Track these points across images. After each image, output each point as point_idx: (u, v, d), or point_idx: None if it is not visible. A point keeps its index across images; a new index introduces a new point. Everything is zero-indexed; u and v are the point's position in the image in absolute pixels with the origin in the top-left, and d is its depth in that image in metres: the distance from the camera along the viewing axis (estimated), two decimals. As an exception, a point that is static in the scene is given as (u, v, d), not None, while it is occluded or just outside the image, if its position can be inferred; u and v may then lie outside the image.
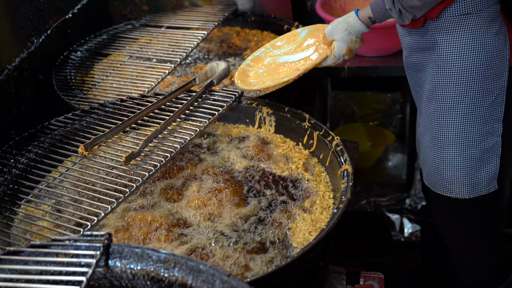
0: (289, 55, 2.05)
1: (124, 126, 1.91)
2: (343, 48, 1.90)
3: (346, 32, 1.90)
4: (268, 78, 1.99)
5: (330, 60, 1.92)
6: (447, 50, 1.91)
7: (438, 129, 2.02)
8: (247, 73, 2.05)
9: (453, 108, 1.97)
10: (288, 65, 2.01)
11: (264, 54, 2.11)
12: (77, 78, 2.45)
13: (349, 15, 1.92)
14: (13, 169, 1.78)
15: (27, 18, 2.31)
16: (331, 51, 1.91)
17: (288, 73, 1.97)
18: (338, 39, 1.90)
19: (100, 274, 1.19)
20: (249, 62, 2.09)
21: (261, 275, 1.40)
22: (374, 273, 1.84)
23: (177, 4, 3.09)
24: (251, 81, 2.00)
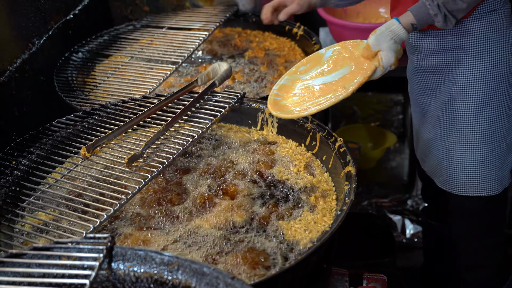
0: (323, 76, 1.93)
1: (126, 127, 1.90)
2: (392, 57, 1.82)
3: (392, 41, 1.83)
4: (311, 103, 1.85)
5: (379, 71, 1.83)
6: (479, 47, 1.96)
7: (466, 130, 2.05)
8: (280, 102, 1.91)
9: (483, 105, 2.01)
10: (328, 86, 1.89)
11: (291, 82, 1.97)
12: (79, 79, 2.44)
13: (391, 23, 1.86)
14: (15, 171, 1.78)
15: (28, 19, 2.31)
16: (378, 61, 1.82)
17: (334, 93, 1.85)
18: (385, 49, 1.82)
19: (103, 277, 1.18)
20: (277, 91, 1.95)
21: (265, 277, 1.39)
22: (377, 275, 1.84)
23: (178, 5, 3.09)
24: (292, 109, 1.87)
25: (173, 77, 2.55)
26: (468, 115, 2.04)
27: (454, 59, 2.01)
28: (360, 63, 1.87)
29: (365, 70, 1.83)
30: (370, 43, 1.83)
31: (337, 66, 1.93)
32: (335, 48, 1.98)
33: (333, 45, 1.99)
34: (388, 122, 3.72)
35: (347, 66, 1.89)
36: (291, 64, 2.64)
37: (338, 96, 1.80)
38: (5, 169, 1.78)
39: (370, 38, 1.83)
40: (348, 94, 1.79)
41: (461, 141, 2.07)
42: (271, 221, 1.64)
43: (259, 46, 2.82)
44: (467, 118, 2.04)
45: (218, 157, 1.93)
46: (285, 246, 1.55)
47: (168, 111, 1.99)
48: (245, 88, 2.43)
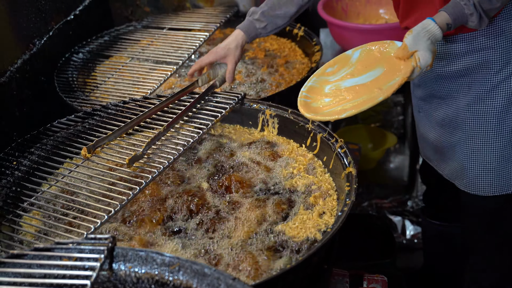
0: (354, 78, 1.86)
1: (127, 128, 1.90)
2: (429, 57, 1.76)
3: (429, 41, 1.78)
4: (347, 104, 1.78)
5: (417, 72, 1.76)
6: (510, 45, 1.96)
7: (492, 131, 2.05)
8: (311, 104, 1.83)
9: (510, 104, 2.01)
10: (361, 88, 1.82)
11: (319, 84, 1.89)
12: (79, 80, 2.44)
13: (427, 23, 1.80)
14: (15, 171, 1.78)
15: (29, 20, 2.31)
16: (416, 62, 1.76)
17: (370, 94, 1.77)
18: (422, 49, 1.77)
19: (104, 278, 1.18)
20: (306, 93, 1.86)
21: (265, 278, 1.40)
22: (377, 276, 1.84)
23: (178, 6, 3.09)
24: (325, 111, 1.79)
25: (173, 78, 2.56)
26: (495, 115, 2.03)
27: (485, 60, 1.99)
28: (393, 64, 1.81)
29: (403, 71, 1.76)
30: (408, 43, 1.77)
31: (367, 67, 1.86)
32: (363, 49, 1.92)
33: (361, 46, 1.93)
34: (388, 123, 3.72)
35: (379, 68, 1.83)
36: (291, 64, 2.64)
37: (377, 98, 1.72)
38: (5, 170, 1.78)
39: (407, 38, 1.78)
40: (388, 95, 1.72)
41: (488, 142, 2.07)
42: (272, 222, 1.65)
43: (260, 47, 2.83)
44: (494, 118, 2.04)
45: (220, 158, 1.93)
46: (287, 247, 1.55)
47: (169, 112, 1.99)
48: (246, 89, 2.44)
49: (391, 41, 1.87)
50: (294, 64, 2.64)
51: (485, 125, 2.06)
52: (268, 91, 2.42)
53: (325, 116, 1.75)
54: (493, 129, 2.05)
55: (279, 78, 2.51)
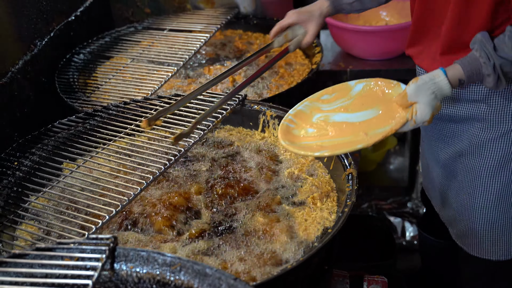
0: (346, 113, 1.71)
1: (191, 97, 1.87)
2: (428, 113, 1.58)
3: (433, 95, 1.60)
4: (326, 141, 1.64)
5: (410, 125, 1.59)
6: (508, 105, 1.84)
7: (480, 188, 1.94)
8: (292, 131, 1.70)
9: (502, 165, 1.90)
10: (349, 127, 1.66)
11: (309, 109, 1.75)
12: (80, 80, 2.45)
13: (436, 74, 1.63)
14: (17, 172, 1.78)
15: (31, 21, 2.31)
16: (411, 115, 1.58)
17: (354, 137, 1.62)
18: (422, 102, 1.58)
19: (105, 278, 1.18)
20: (292, 117, 1.73)
21: (266, 279, 1.40)
22: (377, 277, 1.84)
23: (179, 7, 3.09)
24: (302, 143, 1.65)
25: (177, 80, 2.56)
26: (484, 173, 1.92)
27: (479, 112, 1.87)
28: (390, 109, 1.65)
29: (394, 121, 1.60)
30: (408, 92, 1.60)
31: (364, 104, 1.71)
32: (367, 84, 1.76)
33: (366, 80, 1.78)
34: (388, 124, 3.72)
35: (375, 108, 1.69)
36: (292, 66, 2.65)
37: (356, 145, 1.57)
38: (7, 170, 1.78)
39: (410, 86, 1.60)
40: (368, 145, 1.56)
41: (475, 199, 1.97)
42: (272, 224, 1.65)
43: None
44: (483, 176, 1.92)
45: (222, 160, 1.94)
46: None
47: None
48: (246, 90, 2.44)
49: (397, 83, 1.71)
50: (295, 65, 2.65)
51: (475, 180, 1.96)
52: (269, 92, 2.42)
53: (299, 149, 1.62)
54: (482, 187, 1.95)
55: (280, 79, 2.52)
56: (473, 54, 1.64)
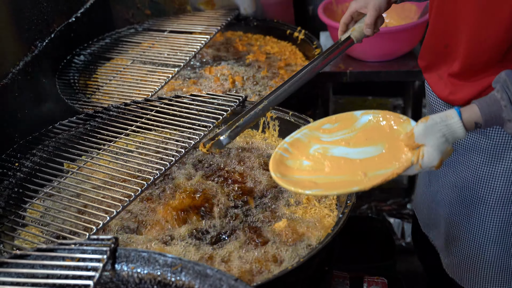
0: (347, 147, 1.54)
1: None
2: (436, 158, 1.40)
3: (443, 138, 1.41)
4: (321, 178, 1.49)
5: (415, 169, 1.42)
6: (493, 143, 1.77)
7: (481, 223, 1.86)
8: (286, 161, 1.54)
9: (504, 204, 1.82)
10: (348, 164, 1.51)
11: (308, 139, 1.59)
12: (81, 82, 2.45)
13: (449, 115, 1.43)
14: (17, 173, 1.78)
15: (31, 22, 2.32)
16: (417, 158, 1.41)
17: (351, 176, 1.47)
18: (431, 145, 1.40)
19: (106, 278, 1.19)
20: (287, 146, 1.57)
21: (267, 279, 1.40)
22: (377, 278, 1.84)
23: (179, 9, 3.10)
24: (294, 177, 1.50)
25: (178, 81, 2.57)
26: (487, 206, 1.83)
27: (479, 144, 1.78)
28: (395, 148, 1.49)
29: (398, 163, 1.45)
30: (416, 133, 1.42)
31: (368, 140, 1.55)
32: (374, 116, 1.58)
33: (373, 111, 1.60)
34: (388, 126, 3.72)
35: (380, 145, 1.52)
36: (292, 67, 2.65)
37: (352, 186, 1.43)
38: (8, 171, 1.79)
39: (418, 126, 1.43)
40: (365, 188, 1.40)
41: (473, 235, 1.88)
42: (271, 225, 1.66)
43: (260, 50, 2.84)
44: (485, 210, 1.84)
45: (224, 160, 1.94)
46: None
47: (170, 114, 2.00)
48: (246, 92, 2.44)
49: (407, 119, 1.52)
50: (295, 67, 2.65)
51: (470, 214, 1.88)
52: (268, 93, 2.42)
53: (289, 184, 1.46)
54: (481, 223, 1.87)
55: (280, 81, 2.52)
56: (494, 95, 1.44)
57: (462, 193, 1.89)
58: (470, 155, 1.81)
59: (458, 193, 1.90)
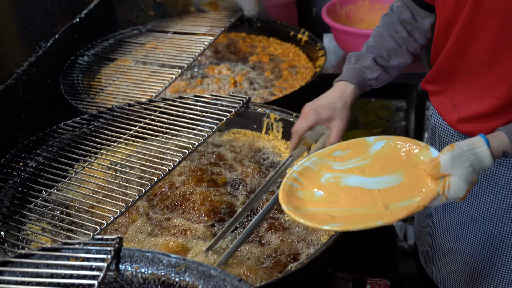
0: (363, 176, 1.43)
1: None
2: (463, 189, 1.31)
3: (471, 168, 1.32)
4: (337, 211, 1.35)
5: (439, 201, 1.32)
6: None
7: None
8: (296, 193, 1.41)
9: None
10: (366, 195, 1.38)
11: (318, 167, 1.47)
12: (84, 82, 2.46)
13: (476, 143, 1.34)
14: (22, 173, 1.79)
15: (36, 23, 2.33)
16: (443, 189, 1.32)
17: (371, 209, 1.34)
18: (458, 176, 1.31)
19: (110, 278, 1.19)
20: (296, 175, 1.45)
21: (269, 281, 1.40)
22: (380, 280, 1.84)
23: (183, 10, 3.11)
24: (307, 209, 1.37)
25: (183, 82, 2.57)
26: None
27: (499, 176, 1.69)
28: (416, 177, 1.37)
29: (422, 194, 1.33)
30: (442, 162, 1.32)
31: (385, 168, 1.43)
32: (389, 142, 1.48)
33: (387, 137, 1.49)
34: (391, 128, 3.72)
35: (398, 174, 1.40)
36: (295, 69, 2.66)
37: (375, 221, 1.29)
38: (12, 171, 1.79)
39: (445, 154, 1.33)
40: (390, 222, 1.28)
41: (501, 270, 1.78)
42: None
43: (264, 51, 2.84)
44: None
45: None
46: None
47: (174, 115, 2.00)
48: (250, 93, 2.45)
49: (426, 146, 1.42)
50: (298, 68, 2.66)
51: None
52: (272, 95, 2.43)
53: (305, 218, 1.33)
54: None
55: (283, 82, 2.53)
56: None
57: (481, 225, 1.77)
58: (491, 187, 1.71)
59: (476, 226, 1.79)
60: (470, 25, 1.54)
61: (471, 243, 1.82)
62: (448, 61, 1.66)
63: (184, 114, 1.98)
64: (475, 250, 1.82)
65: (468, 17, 1.53)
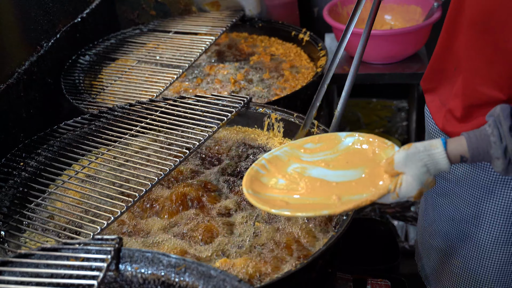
0: (326, 169, 1.49)
1: None
2: (415, 188, 1.34)
3: (424, 168, 1.33)
4: (293, 198, 1.44)
5: (391, 198, 1.36)
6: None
7: (479, 262, 1.78)
8: (261, 178, 1.50)
9: (503, 240, 1.74)
10: (323, 186, 1.45)
11: (288, 157, 1.54)
12: (86, 82, 2.46)
13: (433, 145, 1.35)
14: (22, 172, 1.79)
15: (37, 22, 2.33)
16: (394, 186, 1.35)
17: (324, 199, 1.41)
18: (410, 175, 1.34)
19: (110, 278, 1.19)
20: (264, 162, 1.53)
21: (269, 281, 1.40)
22: (381, 280, 1.84)
23: (184, 10, 3.10)
24: (266, 195, 1.45)
25: (179, 81, 2.57)
26: (486, 243, 1.74)
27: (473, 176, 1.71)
28: (375, 174, 1.43)
29: (375, 189, 1.39)
30: (396, 159, 1.36)
31: (349, 163, 1.50)
32: (358, 140, 1.53)
33: (358, 134, 1.54)
34: (392, 128, 3.72)
35: (360, 170, 1.46)
36: (296, 69, 2.65)
37: (322, 210, 1.36)
38: (13, 171, 1.79)
39: (399, 153, 1.36)
40: (335, 213, 1.35)
41: (469, 271, 1.81)
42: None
43: (265, 51, 2.84)
44: (483, 247, 1.76)
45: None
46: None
47: (176, 114, 2.00)
48: (251, 92, 2.45)
49: (392, 145, 1.46)
50: (300, 68, 2.66)
51: (468, 253, 1.82)
52: (274, 95, 2.43)
53: (259, 202, 1.41)
54: (478, 262, 1.80)
55: (284, 82, 2.52)
56: (485, 130, 1.34)
57: (459, 226, 1.81)
58: (467, 188, 1.73)
59: (455, 226, 1.82)
60: (453, 23, 1.60)
61: (450, 243, 1.85)
62: (437, 59, 1.71)
63: (185, 114, 1.98)
64: (454, 250, 1.85)
65: (451, 15, 1.59)
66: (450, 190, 1.81)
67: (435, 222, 1.91)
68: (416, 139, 3.30)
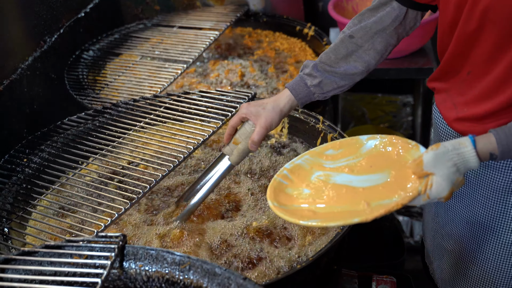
0: (351, 174, 1.44)
1: None
2: (446, 189, 1.30)
3: (454, 168, 1.30)
4: (321, 207, 1.38)
5: (421, 200, 1.32)
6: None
7: (491, 266, 1.75)
8: (285, 189, 1.44)
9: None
10: (350, 193, 1.40)
11: (310, 165, 1.50)
12: (89, 77, 2.45)
13: (462, 143, 1.32)
14: (26, 168, 1.78)
15: (40, 17, 2.32)
16: (425, 188, 1.31)
17: (352, 206, 1.36)
18: (440, 175, 1.30)
19: (114, 276, 1.19)
20: (287, 173, 1.48)
21: (275, 279, 1.39)
22: (386, 277, 1.83)
23: (188, 4, 3.09)
24: (294, 206, 1.40)
25: (183, 76, 2.56)
26: (502, 245, 1.71)
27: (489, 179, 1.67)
28: (402, 176, 1.38)
29: (404, 193, 1.34)
30: (425, 160, 1.32)
31: (373, 167, 1.45)
32: (381, 142, 1.49)
33: (380, 136, 1.51)
34: (398, 123, 3.71)
35: (385, 173, 1.41)
36: (301, 64, 2.64)
37: (352, 218, 1.31)
38: (16, 167, 1.79)
39: (428, 154, 1.32)
40: (367, 219, 1.29)
41: (484, 274, 1.78)
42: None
43: (270, 46, 2.82)
44: (499, 249, 1.72)
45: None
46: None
47: (178, 110, 1.99)
48: (256, 85, 2.43)
49: (416, 145, 1.42)
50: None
51: (479, 253, 1.79)
52: (278, 90, 2.41)
53: (286, 214, 1.35)
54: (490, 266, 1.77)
55: (289, 77, 2.51)
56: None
57: (475, 230, 1.77)
58: (483, 190, 1.70)
59: (470, 229, 1.78)
60: (468, 29, 1.53)
61: (466, 246, 1.81)
62: (450, 62, 1.65)
63: (190, 110, 1.97)
64: (470, 254, 1.81)
65: (466, 21, 1.52)
66: (464, 192, 1.78)
67: (447, 224, 1.87)
68: (421, 134, 3.28)
